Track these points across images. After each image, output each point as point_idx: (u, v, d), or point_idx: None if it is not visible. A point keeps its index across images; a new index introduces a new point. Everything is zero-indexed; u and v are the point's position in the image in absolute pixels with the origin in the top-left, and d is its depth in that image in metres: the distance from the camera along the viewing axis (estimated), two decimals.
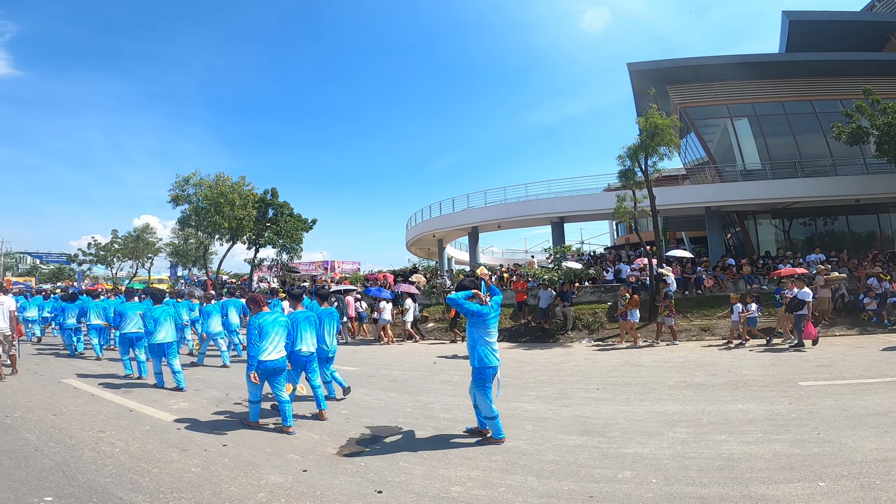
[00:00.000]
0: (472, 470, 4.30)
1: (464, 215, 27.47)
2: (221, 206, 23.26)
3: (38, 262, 66.79)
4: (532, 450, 4.80)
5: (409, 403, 6.87)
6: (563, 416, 6.07)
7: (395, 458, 4.61)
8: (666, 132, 14.65)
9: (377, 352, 13.13)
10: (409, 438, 5.27)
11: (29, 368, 9.39)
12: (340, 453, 4.75)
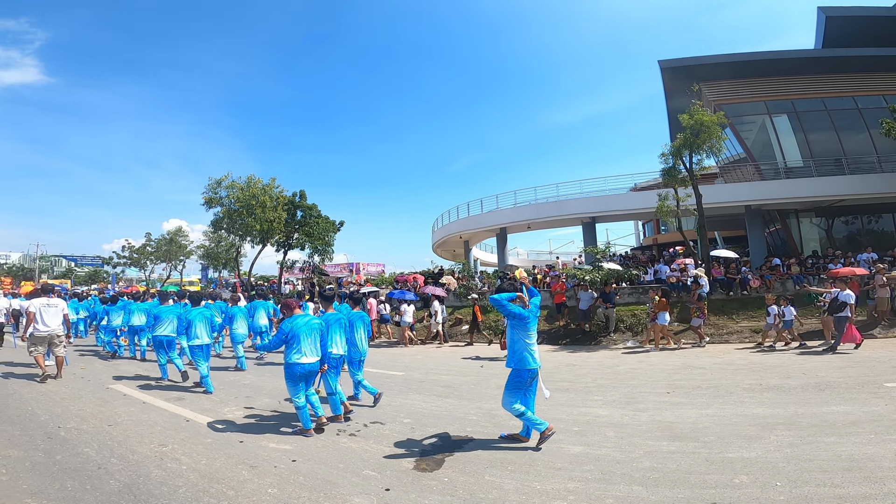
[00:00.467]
0: (568, 482, 3.98)
1: (492, 216, 26.91)
2: (253, 209, 23.05)
3: (73, 265, 67.88)
4: (624, 457, 4.51)
5: (471, 411, 6.45)
6: (642, 422, 5.75)
7: (479, 471, 4.25)
8: (712, 129, 13.99)
9: (418, 355, 12.73)
10: (484, 448, 4.90)
11: (75, 373, 9.08)
12: (418, 468, 4.36)
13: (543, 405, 6.28)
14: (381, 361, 11.17)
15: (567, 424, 5.63)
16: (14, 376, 8.81)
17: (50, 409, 6.35)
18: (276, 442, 5.14)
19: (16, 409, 6.22)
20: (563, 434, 5.21)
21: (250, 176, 24.39)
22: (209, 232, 33.30)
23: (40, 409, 6.32)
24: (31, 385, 7.80)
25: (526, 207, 25.28)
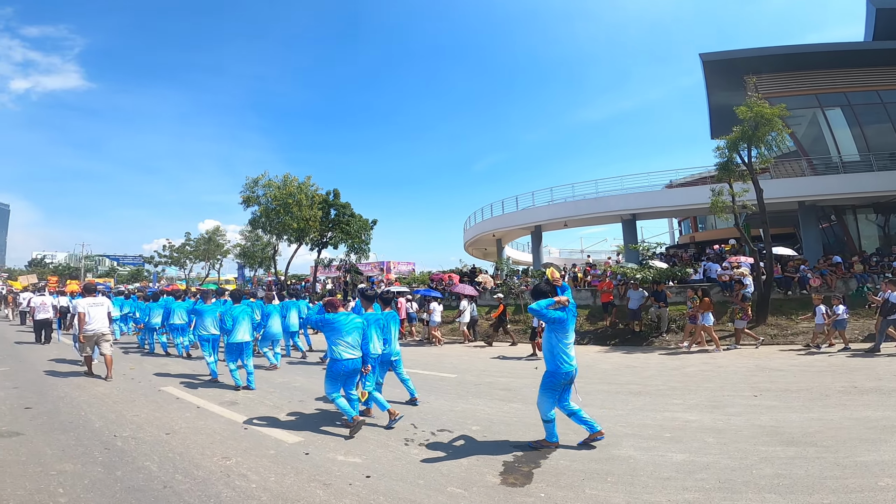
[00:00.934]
0: (683, 492, 3.66)
1: (527, 213, 26.17)
2: (290, 207, 22.80)
3: (116, 265, 69.44)
4: (738, 464, 4.18)
5: (536, 414, 5.84)
6: (741, 426, 5.35)
7: (576, 484, 3.88)
8: (773, 122, 13.01)
9: (464, 355, 12.24)
10: (571, 459, 4.48)
11: (125, 374, 8.74)
12: (506, 482, 3.95)
13: (621, 410, 6.17)
14: (428, 363, 10.67)
15: (655, 430, 5.26)
16: (62, 375, 8.55)
17: (103, 414, 5.94)
18: (344, 454, 4.65)
19: (68, 415, 5.83)
20: (655, 441, 4.89)
21: (286, 174, 24.18)
22: (246, 231, 33.37)
23: (94, 414, 5.92)
24: (83, 387, 7.46)
25: (563, 204, 24.46)
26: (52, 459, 4.31)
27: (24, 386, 7.43)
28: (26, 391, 7.08)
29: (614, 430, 5.23)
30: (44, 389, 7.22)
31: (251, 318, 8.21)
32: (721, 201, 14.05)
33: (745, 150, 13.56)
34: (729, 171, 13.83)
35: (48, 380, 8.02)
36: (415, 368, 9.74)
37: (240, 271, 35.25)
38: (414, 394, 6.73)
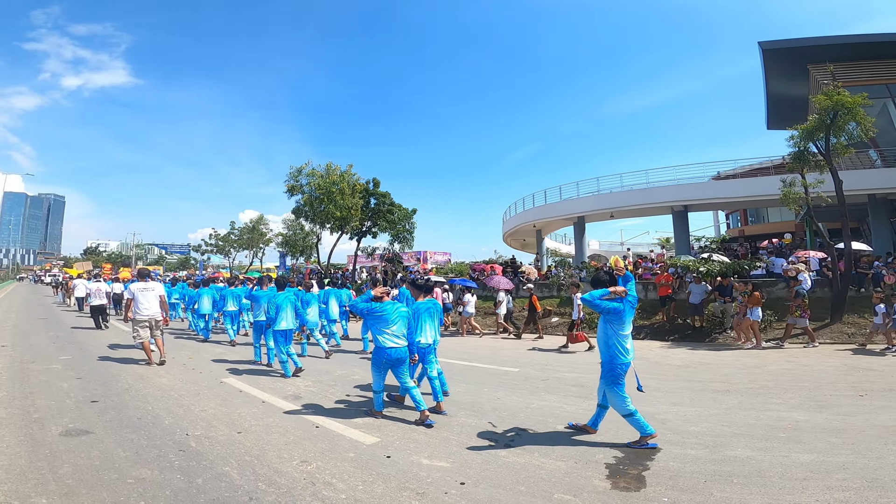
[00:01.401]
0: (830, 491, 3.45)
1: (571, 204, 25.29)
2: (333, 195, 22.56)
3: (164, 253, 71.50)
4: (878, 464, 3.96)
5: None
6: (863, 426, 5.03)
7: (698, 486, 3.60)
8: (855, 111, 11.92)
9: (506, 348, 11.79)
10: (682, 460, 4.16)
11: (185, 364, 8.51)
12: (618, 486, 3.66)
13: (716, 409, 5.87)
14: (484, 356, 10.22)
15: (766, 430, 4.94)
16: (122, 363, 8.40)
17: (171, 409, 5.61)
18: (428, 457, 4.24)
19: (135, 410, 5.52)
20: (771, 441, 4.61)
21: (329, 163, 23.91)
22: (289, 220, 33.56)
23: (161, 409, 5.59)
24: (146, 378, 7.20)
25: (610, 195, 23.48)
26: (127, 464, 3.95)
27: (87, 376, 7.22)
28: (90, 382, 6.86)
29: (717, 430, 4.95)
30: (107, 380, 6.99)
31: (294, 306, 8.08)
32: (793, 192, 13.03)
33: (822, 140, 12.50)
34: (803, 161, 12.78)
35: (110, 369, 7.82)
36: (472, 361, 9.32)
37: (281, 260, 35.44)
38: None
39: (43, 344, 10.41)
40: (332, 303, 11.11)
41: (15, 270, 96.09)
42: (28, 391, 6.23)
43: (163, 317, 8.60)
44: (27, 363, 8.12)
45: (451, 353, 10.20)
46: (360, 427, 5.11)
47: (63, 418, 5.10)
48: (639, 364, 9.07)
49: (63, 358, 8.71)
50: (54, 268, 59.98)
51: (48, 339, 11.12)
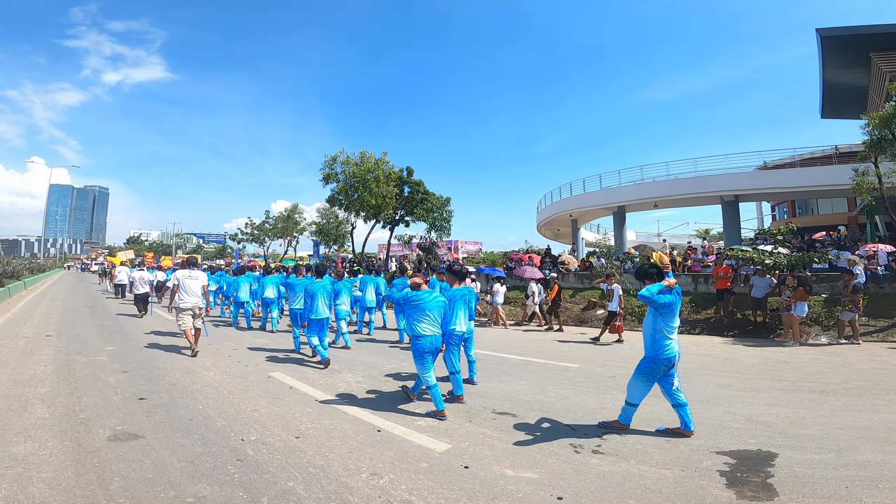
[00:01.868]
0: None
1: (610, 193, 24.23)
2: (368, 183, 22.10)
3: (202, 242, 72.89)
4: None
5: (722, 414, 5.15)
6: None
7: (840, 494, 3.24)
8: None
9: (548, 339, 11.02)
10: (809, 466, 3.74)
11: (230, 355, 8.13)
12: (745, 496, 3.24)
13: (819, 411, 5.33)
14: (539, 350, 9.47)
15: (889, 433, 4.48)
16: (166, 351, 8.15)
17: (221, 408, 5.16)
18: (511, 466, 3.77)
19: (185, 409, 5.08)
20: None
21: (363, 151, 23.45)
22: (322, 209, 33.42)
23: (211, 408, 5.15)
24: (193, 372, 6.80)
25: (655, 184, 22.35)
26: (183, 476, 3.46)
27: (133, 370, 6.88)
28: (136, 376, 6.50)
29: (832, 434, 4.49)
30: (154, 374, 6.62)
31: (329, 295, 7.91)
32: (867, 182, 11.91)
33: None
34: (879, 149, 11.63)
35: (156, 361, 7.48)
36: (528, 357, 8.70)
37: (315, 248, 35.37)
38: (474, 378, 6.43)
39: (89, 333, 10.24)
40: (370, 290, 10.89)
41: (63, 259, 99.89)
42: (74, 386, 5.89)
43: (204, 304, 8.42)
44: (73, 354, 7.87)
45: (494, 346, 9.75)
46: (426, 431, 4.61)
47: (110, 419, 4.69)
48: (706, 361, 8.39)
49: (109, 349, 8.45)
50: (100, 256, 61.88)
51: (94, 328, 10.97)
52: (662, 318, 4.43)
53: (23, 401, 5.25)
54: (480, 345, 9.61)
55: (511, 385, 6.41)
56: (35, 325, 11.38)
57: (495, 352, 9.06)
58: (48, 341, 9.09)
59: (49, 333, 10.00)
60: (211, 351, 8.40)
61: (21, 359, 7.44)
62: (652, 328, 4.48)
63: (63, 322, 12.02)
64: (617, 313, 10.35)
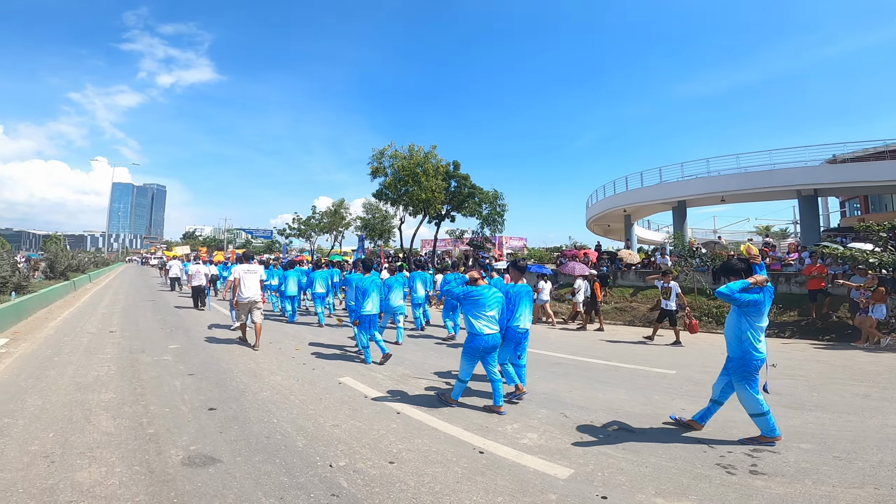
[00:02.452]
0: None
1: (672, 187, 22.73)
2: (418, 177, 21.42)
3: (250, 237, 74.65)
4: None
5: (875, 426, 4.53)
6: None
7: None
8: None
9: (610, 338, 9.89)
10: None
11: (294, 356, 7.55)
12: None
13: None
14: (613, 352, 8.49)
15: None
16: (229, 350, 7.61)
17: (298, 422, 4.52)
18: (659, 494, 3.18)
19: (259, 423, 4.47)
20: None
21: (411, 144, 22.80)
22: (369, 203, 33.16)
23: (287, 421, 4.53)
24: (259, 377, 6.23)
25: (723, 177, 20.73)
26: None
27: (199, 372, 6.39)
28: (202, 380, 5.98)
29: None
30: (221, 378, 6.09)
31: (380, 290, 7.52)
32: None
33: None
34: None
35: (220, 363, 6.98)
36: (612, 361, 7.84)
37: (360, 243, 35.11)
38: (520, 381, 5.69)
39: (152, 329, 9.97)
40: (419, 286, 10.68)
41: (124, 253, 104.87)
42: (139, 392, 5.41)
43: (262, 299, 8.44)
44: (137, 353, 7.50)
45: (562, 348, 8.98)
46: (536, 451, 3.91)
47: (182, 435, 4.12)
48: (822, 368, 7.62)
49: (172, 347, 8.06)
50: (158, 251, 64.23)
51: (156, 324, 10.73)
52: (747, 317, 4.09)
53: (85, 409, 4.78)
54: (551, 347, 8.94)
55: (609, 394, 5.68)
56: (98, 320, 11.28)
57: (571, 355, 8.27)
58: (111, 338, 8.83)
59: (112, 329, 9.79)
60: (273, 351, 7.89)
61: (84, 358, 7.12)
62: (737, 328, 4.16)
63: (126, 317, 11.90)
64: (676, 312, 9.60)
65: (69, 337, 8.88)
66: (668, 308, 9.58)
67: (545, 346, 9.00)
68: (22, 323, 10.53)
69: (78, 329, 9.83)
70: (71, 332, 9.38)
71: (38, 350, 7.74)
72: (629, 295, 17.32)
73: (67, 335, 9.09)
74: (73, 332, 9.38)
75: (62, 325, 10.51)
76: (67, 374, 6.16)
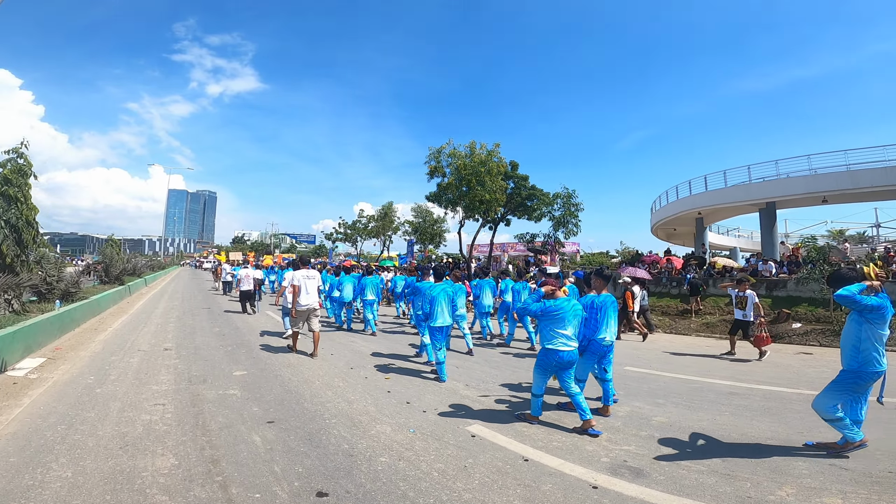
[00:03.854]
0: None
1: (762, 187, 20.34)
2: (482, 176, 19.50)
3: (294, 242, 74.67)
4: None
5: None
6: None
7: None
8: None
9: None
10: None
11: (388, 390, 5.77)
12: None
13: None
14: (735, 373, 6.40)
15: None
16: (302, 377, 5.95)
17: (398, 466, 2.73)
18: None
19: (343, 459, 2.70)
20: None
21: (472, 142, 20.91)
22: (417, 207, 31.65)
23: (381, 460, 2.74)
24: (361, 427, 4.43)
25: (828, 175, 18.02)
26: None
27: (280, 418, 4.67)
28: (290, 434, 4.24)
29: None
30: (312, 432, 4.25)
31: (451, 300, 6.57)
32: None
33: None
34: None
35: (302, 400, 5.27)
36: (733, 381, 5.95)
37: (409, 248, 33.59)
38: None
39: (210, 346, 8.41)
40: (486, 294, 9.82)
41: (179, 257, 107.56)
42: (209, 455, 3.70)
43: (319, 305, 7.84)
44: (197, 382, 5.87)
45: (635, 360, 7.57)
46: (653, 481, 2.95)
47: None
48: None
49: (238, 374, 6.40)
50: (210, 254, 64.89)
51: (214, 338, 9.21)
52: (869, 324, 3.72)
53: (136, 491, 3.09)
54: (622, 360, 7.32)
55: (700, 413, 4.93)
56: (152, 332, 9.86)
57: (671, 372, 6.94)
58: (166, 357, 7.29)
59: (167, 346, 8.25)
60: (357, 380, 6.17)
61: (134, 390, 5.51)
62: (855, 337, 3.78)
63: (181, 328, 10.49)
64: (752, 323, 8.58)
65: (118, 356, 7.37)
66: (746, 319, 8.58)
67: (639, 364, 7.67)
68: (67, 336, 9.13)
69: (129, 344, 8.37)
70: (120, 349, 7.91)
71: (79, 375, 6.21)
72: (724, 305, 15.06)
73: (116, 353, 7.61)
74: (123, 349, 7.91)
75: (112, 338, 9.10)
76: (111, 417, 4.54)
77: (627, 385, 6.08)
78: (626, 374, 6.80)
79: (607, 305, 4.90)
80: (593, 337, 4.77)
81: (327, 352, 7.95)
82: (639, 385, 6.16)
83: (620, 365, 7.11)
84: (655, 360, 8.13)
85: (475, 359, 7.76)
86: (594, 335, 4.78)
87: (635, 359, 8.10)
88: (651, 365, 7.59)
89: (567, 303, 4.51)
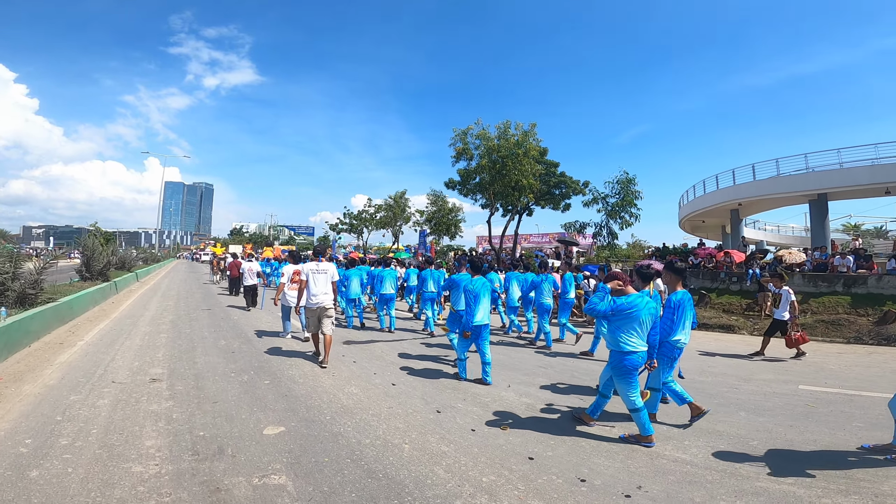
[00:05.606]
0: None
1: (812, 178, 18.03)
2: (518, 159, 16.99)
3: (293, 234, 71.75)
4: None
5: None
6: None
7: None
8: None
9: None
10: None
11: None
12: None
13: None
14: None
15: None
16: (358, 428, 3.38)
17: None
18: None
19: None
20: None
21: (507, 122, 18.35)
22: (433, 194, 29.16)
23: None
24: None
25: (893, 166, 15.80)
26: None
27: None
28: None
29: None
30: None
31: (491, 295, 5.91)
32: None
33: None
34: None
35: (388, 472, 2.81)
36: None
37: (421, 238, 31.01)
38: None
39: (217, 371, 5.84)
40: (514, 288, 8.92)
41: (176, 249, 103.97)
42: None
43: (333, 304, 6.48)
44: (208, 460, 3.29)
45: None
46: None
47: None
48: None
49: (271, 433, 3.83)
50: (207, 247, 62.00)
51: (221, 358, 6.57)
52: None
53: None
54: None
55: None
56: (137, 346, 7.23)
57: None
58: (154, 397, 4.71)
59: (156, 375, 5.60)
60: (464, 433, 3.68)
61: (95, 480, 2.93)
62: None
63: (176, 339, 7.86)
64: (787, 322, 7.81)
65: (80, 394, 4.76)
66: (781, 318, 7.84)
67: None
68: (16, 357, 6.29)
69: (100, 370, 5.72)
70: (86, 380, 5.27)
71: (10, 436, 3.66)
72: (799, 300, 12.85)
73: (78, 387, 4.99)
74: (91, 380, 5.27)
75: (79, 358, 6.39)
76: None
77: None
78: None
79: (684, 303, 4.32)
80: (666, 339, 4.24)
81: (373, 371, 5.77)
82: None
83: None
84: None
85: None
86: (668, 337, 4.23)
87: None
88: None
89: (641, 299, 3.95)
